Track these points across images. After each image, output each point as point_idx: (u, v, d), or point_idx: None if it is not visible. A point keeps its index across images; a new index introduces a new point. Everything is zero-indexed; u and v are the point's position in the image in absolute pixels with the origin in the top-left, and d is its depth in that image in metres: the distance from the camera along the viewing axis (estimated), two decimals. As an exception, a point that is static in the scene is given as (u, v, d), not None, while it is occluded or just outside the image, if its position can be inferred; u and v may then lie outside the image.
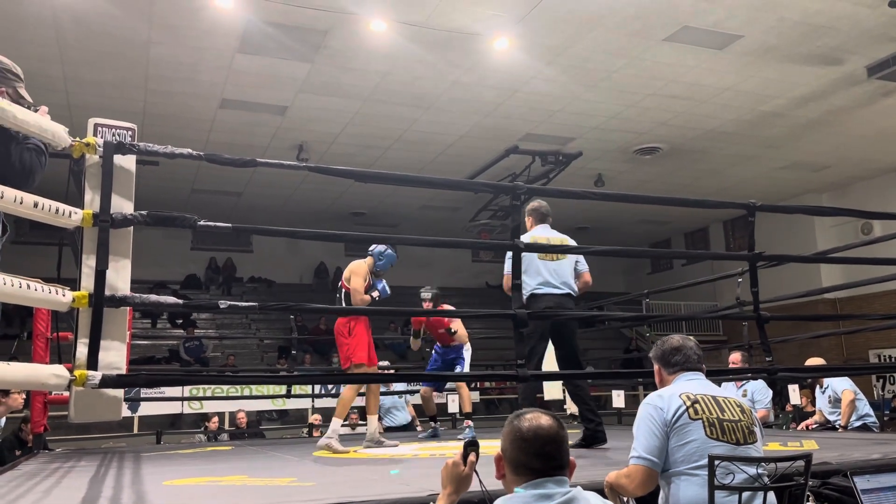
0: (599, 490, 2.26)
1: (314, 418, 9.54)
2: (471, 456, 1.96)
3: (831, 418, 6.66)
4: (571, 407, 8.81)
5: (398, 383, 8.68)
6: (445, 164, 12.23)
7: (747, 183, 13.64)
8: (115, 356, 2.89)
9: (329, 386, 10.62)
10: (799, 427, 7.20)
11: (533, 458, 1.77)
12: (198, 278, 16.78)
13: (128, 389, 6.31)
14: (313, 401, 9.93)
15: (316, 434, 8.71)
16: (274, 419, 11.92)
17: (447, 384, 7.60)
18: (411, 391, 8.88)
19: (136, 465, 4.76)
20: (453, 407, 8.54)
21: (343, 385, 6.22)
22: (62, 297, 2.76)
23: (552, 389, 8.36)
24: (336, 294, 5.85)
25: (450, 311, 6.58)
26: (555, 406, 8.77)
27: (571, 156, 11.71)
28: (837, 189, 14.52)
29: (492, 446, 2.09)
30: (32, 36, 7.81)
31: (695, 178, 13.43)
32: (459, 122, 10.69)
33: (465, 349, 6.75)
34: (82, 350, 2.80)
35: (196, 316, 15.14)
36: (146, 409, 10.02)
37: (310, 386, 9.06)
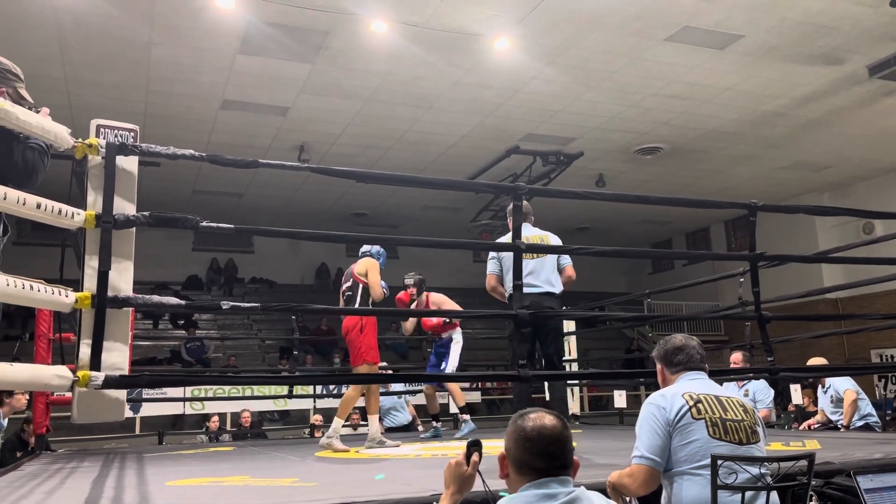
0: (602, 490, 2.26)
1: (316, 419, 9.55)
2: (474, 456, 1.96)
3: (833, 418, 6.66)
4: (574, 407, 8.83)
5: (397, 384, 8.68)
6: (446, 165, 12.23)
7: (748, 183, 13.63)
8: (118, 357, 2.89)
9: (331, 386, 10.63)
10: (801, 427, 7.20)
11: (537, 458, 1.76)
12: (199, 279, 16.79)
13: (130, 390, 6.31)
14: (315, 401, 9.94)
15: (318, 434, 8.71)
16: (276, 420, 11.91)
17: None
18: (411, 391, 8.88)
19: (139, 466, 4.77)
20: (454, 407, 8.55)
21: (346, 385, 6.26)
22: (65, 298, 2.76)
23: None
24: (342, 292, 5.79)
25: (450, 311, 6.59)
26: (557, 407, 8.75)
27: (572, 156, 11.71)
28: (839, 189, 14.51)
29: (494, 446, 2.09)
30: (33, 37, 7.82)
31: (696, 178, 13.42)
32: (460, 123, 10.69)
33: (455, 342, 6.72)
34: (85, 351, 2.80)
35: (198, 317, 15.15)
36: (148, 410, 10.02)
37: (311, 386, 9.06)
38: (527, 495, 1.73)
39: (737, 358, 6.70)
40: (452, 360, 6.61)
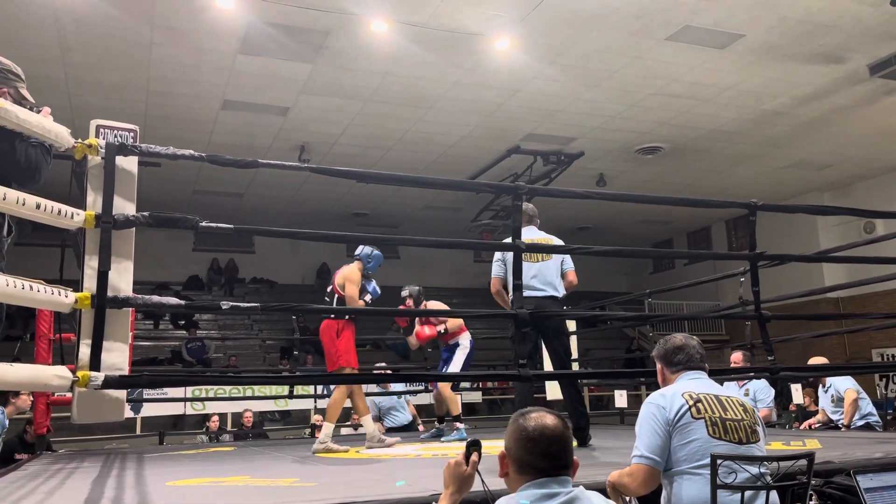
0: (602, 489, 2.26)
1: (316, 419, 9.54)
2: (473, 456, 1.96)
3: (834, 417, 6.65)
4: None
5: (397, 384, 8.68)
6: (447, 165, 12.23)
7: (749, 182, 13.62)
8: (118, 357, 2.89)
9: (331, 386, 10.62)
10: (801, 426, 7.19)
11: (538, 458, 1.76)
12: (200, 279, 16.80)
13: (130, 390, 6.31)
14: (315, 401, 9.94)
15: (318, 435, 8.71)
16: (276, 420, 11.92)
17: (460, 384, 7.49)
18: (412, 392, 8.87)
19: (139, 466, 4.77)
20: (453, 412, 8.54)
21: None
22: (65, 299, 2.76)
23: (554, 389, 8.35)
24: (325, 297, 5.81)
25: (451, 311, 6.54)
26: (557, 406, 8.76)
27: (573, 156, 11.71)
28: (840, 188, 14.50)
29: (494, 446, 2.09)
30: (34, 38, 7.83)
31: (697, 178, 13.42)
32: (461, 123, 10.69)
33: (461, 347, 6.52)
34: (85, 351, 2.80)
35: (198, 317, 15.16)
36: (149, 410, 10.03)
37: (312, 386, 9.06)
38: (526, 495, 1.73)
39: (737, 357, 6.70)
40: (454, 365, 6.42)
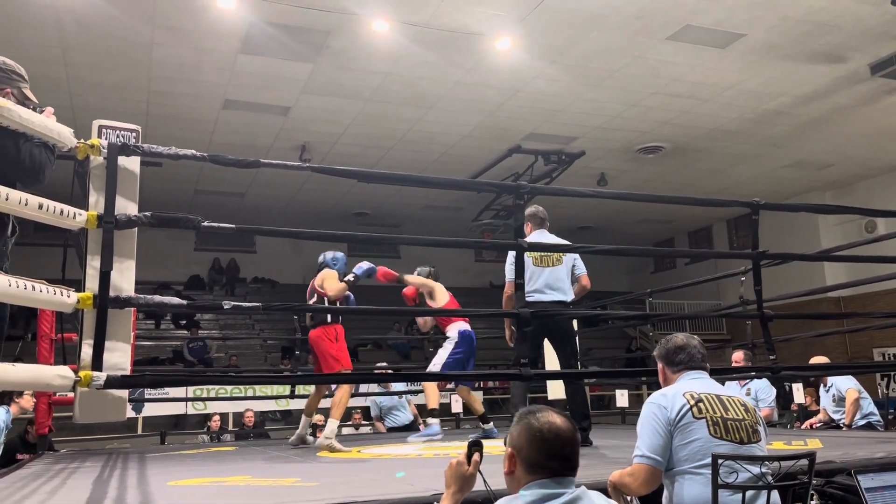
0: (603, 489, 2.26)
1: (317, 418, 9.53)
2: (475, 455, 1.96)
3: (835, 417, 6.65)
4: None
5: (399, 384, 8.68)
6: (448, 164, 12.23)
7: (750, 182, 13.61)
8: (120, 357, 2.89)
9: (333, 386, 10.61)
10: (803, 426, 7.19)
11: (552, 460, 1.77)
12: (201, 279, 16.80)
13: (132, 390, 6.32)
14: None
15: (319, 434, 8.71)
16: (278, 419, 11.93)
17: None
18: (413, 391, 8.88)
19: (141, 466, 4.77)
20: (457, 407, 8.55)
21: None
22: (67, 299, 2.77)
23: (556, 389, 8.36)
24: (308, 300, 5.84)
25: (452, 311, 6.45)
26: (558, 406, 8.75)
27: (574, 155, 11.70)
28: (841, 187, 14.49)
29: (495, 445, 2.10)
30: (35, 38, 7.83)
31: (698, 178, 13.41)
32: (462, 122, 10.69)
33: (448, 339, 6.10)
34: (87, 351, 2.81)
35: (200, 317, 15.17)
36: (150, 410, 10.03)
37: (313, 386, 9.04)
38: (529, 494, 1.73)
39: (738, 357, 6.70)
40: (437, 358, 6.02)
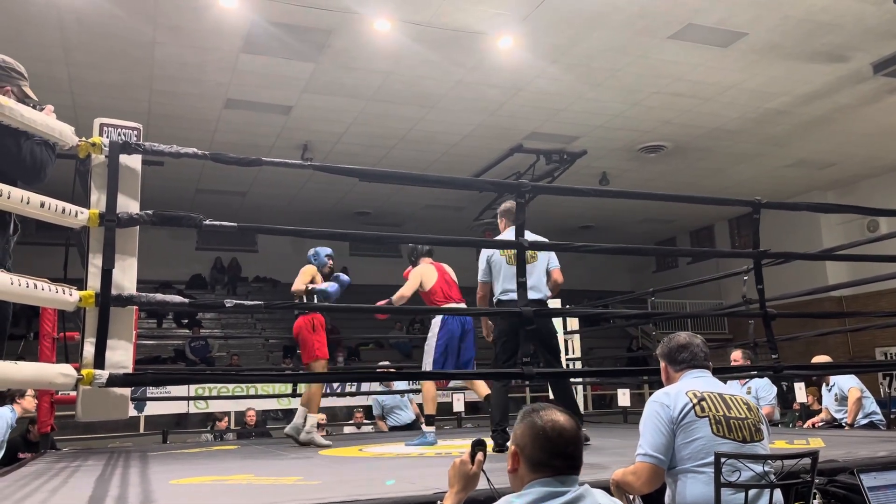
0: (606, 488, 2.26)
1: (320, 417, 9.55)
2: (479, 455, 1.96)
3: (838, 416, 6.64)
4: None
5: (400, 382, 8.70)
6: (450, 163, 12.23)
7: (752, 181, 13.59)
8: (122, 355, 2.90)
9: (334, 385, 10.63)
10: (805, 425, 7.19)
11: (556, 458, 1.77)
12: (203, 278, 16.81)
13: (134, 389, 6.33)
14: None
15: (321, 433, 8.71)
16: (279, 418, 11.92)
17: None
18: (414, 390, 8.89)
19: (143, 465, 4.78)
20: (458, 405, 8.55)
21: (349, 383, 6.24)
22: (69, 297, 2.77)
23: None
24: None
25: (451, 309, 6.20)
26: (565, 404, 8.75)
27: (576, 154, 11.70)
28: (843, 187, 14.47)
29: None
30: (37, 37, 7.84)
31: (699, 177, 13.39)
32: (463, 121, 10.68)
33: (430, 334, 5.56)
34: (89, 349, 2.81)
35: (201, 316, 15.17)
36: (152, 409, 10.05)
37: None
38: (533, 493, 1.73)
39: (736, 356, 6.70)
40: (426, 357, 5.51)
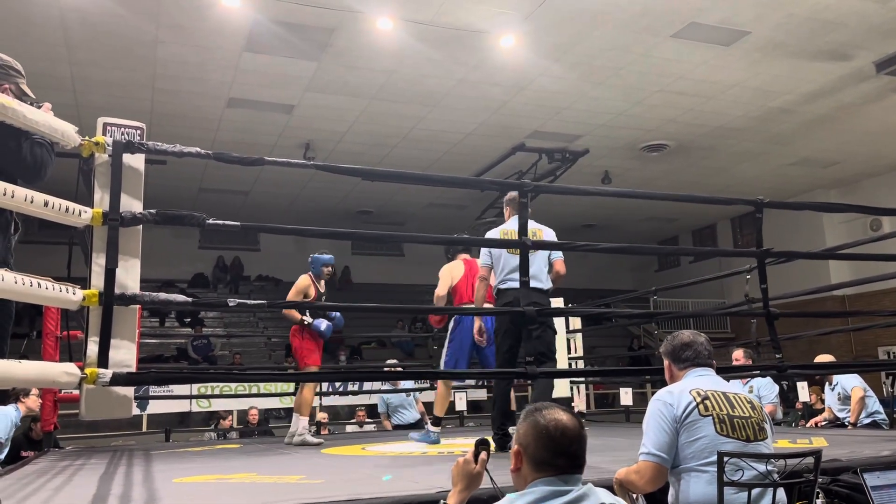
0: (609, 487, 2.26)
1: (321, 416, 9.57)
2: (482, 454, 1.96)
3: (841, 415, 6.64)
4: (580, 404, 8.82)
5: (406, 381, 8.72)
6: (452, 162, 12.23)
7: (755, 180, 13.58)
8: (126, 354, 2.90)
9: (336, 384, 10.64)
10: (808, 424, 7.18)
11: (559, 457, 1.76)
12: (205, 277, 16.81)
13: (137, 388, 6.34)
14: (321, 398, 9.95)
15: (324, 432, 8.74)
16: (282, 417, 11.93)
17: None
18: (420, 389, 8.91)
19: (146, 463, 4.79)
20: (460, 405, 8.55)
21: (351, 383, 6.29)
22: (73, 296, 2.77)
23: (561, 386, 8.36)
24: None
25: (449, 309, 6.18)
26: (562, 403, 8.75)
27: (578, 153, 11.69)
28: (846, 185, 14.45)
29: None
30: (40, 36, 7.85)
31: (702, 176, 13.38)
32: (466, 120, 10.68)
33: (447, 338, 5.54)
34: (93, 348, 2.81)
35: (204, 314, 15.19)
36: (155, 408, 10.06)
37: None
38: (536, 492, 1.73)
39: (738, 355, 6.69)
40: (442, 359, 5.58)
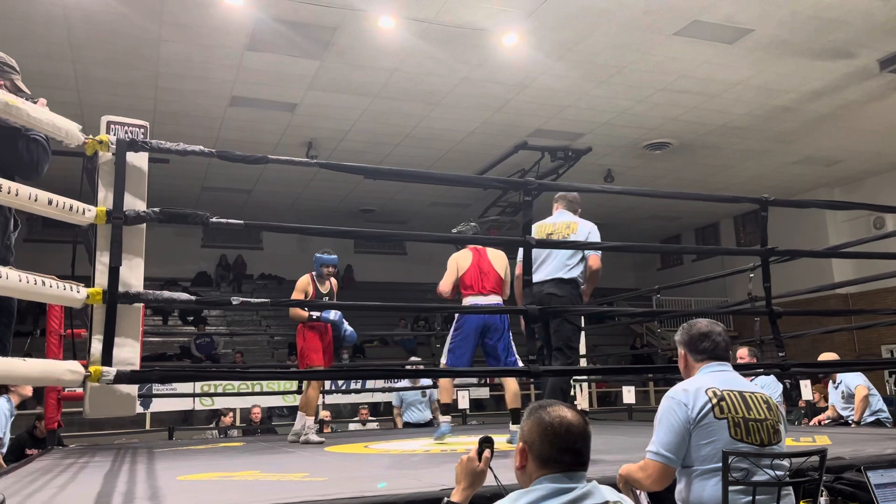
0: (612, 484, 2.25)
1: (324, 414, 9.58)
2: (486, 452, 1.96)
3: (844, 414, 6.64)
4: (583, 403, 8.82)
5: (425, 379, 8.68)
6: (455, 161, 12.22)
7: (758, 178, 13.55)
8: (129, 352, 2.90)
9: (339, 382, 10.65)
10: (811, 422, 7.18)
11: (564, 454, 1.76)
12: (208, 276, 16.84)
13: (140, 386, 6.35)
14: (324, 396, 9.95)
15: (326, 430, 8.75)
16: (285, 415, 11.95)
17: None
18: (435, 386, 8.89)
19: (150, 461, 4.79)
20: (463, 403, 8.55)
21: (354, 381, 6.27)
22: (76, 294, 2.78)
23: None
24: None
25: (449, 307, 6.15)
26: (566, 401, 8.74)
27: (581, 151, 11.68)
28: (849, 184, 14.42)
29: (503, 442, 2.09)
30: (44, 35, 7.83)
31: (705, 174, 13.36)
32: (468, 119, 10.68)
33: (450, 334, 5.48)
34: (97, 346, 2.81)
35: (207, 313, 15.21)
36: (158, 406, 10.05)
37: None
38: (541, 489, 1.73)
39: (742, 353, 6.68)
40: (444, 355, 5.50)
